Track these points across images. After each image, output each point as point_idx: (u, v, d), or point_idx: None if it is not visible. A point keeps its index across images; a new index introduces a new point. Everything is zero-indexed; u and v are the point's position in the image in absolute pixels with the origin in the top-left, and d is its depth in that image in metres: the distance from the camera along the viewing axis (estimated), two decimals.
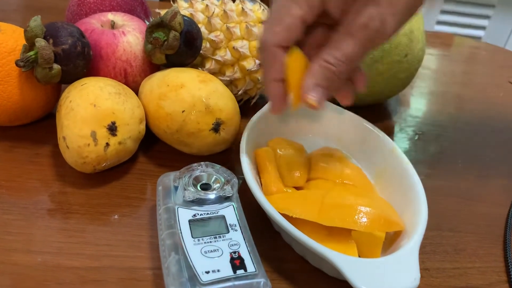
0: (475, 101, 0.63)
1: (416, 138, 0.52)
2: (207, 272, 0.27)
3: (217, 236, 0.30)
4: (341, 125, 0.43)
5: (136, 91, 0.42)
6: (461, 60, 0.78)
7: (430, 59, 0.74)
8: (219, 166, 0.35)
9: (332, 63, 0.28)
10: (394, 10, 0.26)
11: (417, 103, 0.60)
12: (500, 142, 0.53)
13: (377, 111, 0.55)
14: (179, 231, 0.30)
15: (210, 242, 0.29)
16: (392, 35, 0.28)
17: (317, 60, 0.29)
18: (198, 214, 0.31)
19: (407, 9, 0.27)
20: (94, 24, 0.44)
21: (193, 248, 0.29)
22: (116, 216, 0.36)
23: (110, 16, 0.46)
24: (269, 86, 0.31)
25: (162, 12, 0.44)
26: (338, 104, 0.44)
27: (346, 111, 0.43)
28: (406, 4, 0.27)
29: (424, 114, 0.57)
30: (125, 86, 0.40)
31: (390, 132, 0.52)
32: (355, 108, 0.45)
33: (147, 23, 0.45)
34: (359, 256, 0.32)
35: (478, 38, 1.56)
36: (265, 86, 0.31)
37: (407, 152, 0.49)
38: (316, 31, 0.32)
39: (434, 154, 0.50)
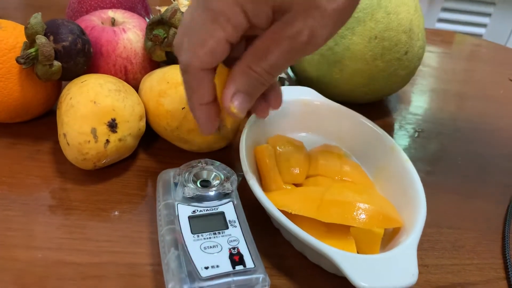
0: (475, 98, 0.63)
1: (416, 135, 0.52)
2: (207, 268, 0.27)
3: (216, 232, 0.30)
4: (341, 123, 0.44)
5: (136, 88, 0.43)
6: (461, 57, 0.78)
7: (431, 57, 0.74)
8: (219, 163, 0.35)
9: (257, 71, 0.27)
10: (326, 22, 0.25)
11: (417, 101, 0.60)
12: (500, 140, 0.53)
13: (377, 108, 0.56)
14: (179, 227, 0.30)
15: (210, 238, 0.29)
16: (322, 45, 0.27)
17: (240, 66, 0.27)
18: (197, 211, 0.31)
19: (339, 20, 0.26)
20: (95, 21, 0.44)
21: (193, 244, 0.29)
22: (116, 213, 0.36)
23: (111, 13, 0.46)
24: (196, 110, 0.30)
25: (162, 9, 0.44)
26: (337, 101, 0.44)
27: (346, 108, 0.44)
28: (338, 16, 0.25)
29: (424, 112, 0.58)
30: (125, 83, 0.40)
31: (390, 130, 0.52)
32: (355, 106, 0.45)
33: (148, 20, 0.45)
34: (358, 253, 0.32)
35: (479, 35, 1.56)
36: (190, 109, 0.30)
37: (406, 150, 0.49)
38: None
39: (434, 151, 0.50)
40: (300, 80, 0.53)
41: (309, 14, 0.25)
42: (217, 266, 0.28)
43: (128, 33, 0.43)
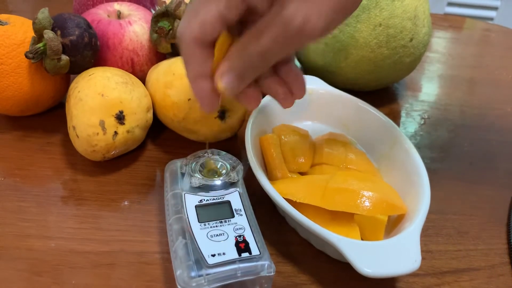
0: (483, 84, 0.62)
1: (423, 122, 0.52)
2: (213, 255, 0.28)
3: (222, 220, 0.31)
4: (346, 111, 0.44)
5: (143, 80, 0.43)
6: (470, 43, 0.77)
7: (439, 43, 0.74)
8: (225, 152, 0.36)
9: (249, 53, 0.26)
10: (323, 10, 0.24)
11: (424, 87, 0.60)
12: (507, 126, 0.53)
13: (384, 96, 0.55)
14: (186, 216, 0.31)
15: (216, 226, 0.30)
16: (319, 36, 0.25)
17: (236, 45, 0.27)
18: (204, 200, 0.32)
19: (338, 9, 0.24)
20: (101, 14, 0.44)
21: (200, 232, 0.30)
22: (125, 203, 0.37)
23: (116, 6, 0.46)
24: (192, 84, 0.28)
25: (167, 1, 0.45)
26: (343, 89, 0.45)
27: (351, 96, 0.44)
28: (338, 4, 0.24)
29: (431, 98, 0.57)
30: (132, 76, 0.41)
31: (396, 117, 0.52)
32: (361, 93, 0.45)
33: (153, 12, 0.46)
34: (362, 239, 0.33)
35: (490, 19, 1.54)
36: (189, 84, 0.28)
37: (413, 137, 0.49)
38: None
39: (441, 138, 0.50)
40: (306, 69, 0.53)
41: None
42: (224, 254, 0.28)
43: (134, 25, 0.44)
